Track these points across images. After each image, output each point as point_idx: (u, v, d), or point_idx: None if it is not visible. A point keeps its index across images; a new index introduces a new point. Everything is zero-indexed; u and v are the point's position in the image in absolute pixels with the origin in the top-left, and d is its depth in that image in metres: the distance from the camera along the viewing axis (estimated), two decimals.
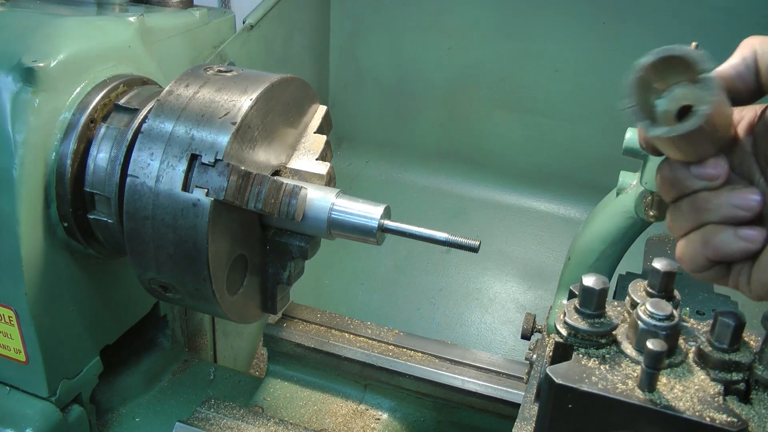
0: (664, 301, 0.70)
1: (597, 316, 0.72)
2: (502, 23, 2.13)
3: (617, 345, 0.72)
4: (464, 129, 2.32)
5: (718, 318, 0.68)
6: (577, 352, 0.71)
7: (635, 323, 0.70)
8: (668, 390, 0.66)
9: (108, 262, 1.19)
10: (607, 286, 0.72)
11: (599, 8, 2.01)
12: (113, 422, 1.30)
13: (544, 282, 2.14)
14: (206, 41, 1.51)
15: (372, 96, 2.38)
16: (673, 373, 0.69)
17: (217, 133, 0.92)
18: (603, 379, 0.68)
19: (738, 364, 0.68)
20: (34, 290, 1.05)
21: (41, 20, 1.10)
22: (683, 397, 0.66)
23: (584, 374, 0.68)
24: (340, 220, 0.98)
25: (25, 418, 1.12)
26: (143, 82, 1.15)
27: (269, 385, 1.30)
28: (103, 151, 1.06)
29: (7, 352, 1.11)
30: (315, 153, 1.07)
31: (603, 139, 2.01)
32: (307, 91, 1.10)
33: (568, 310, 0.73)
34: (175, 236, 0.93)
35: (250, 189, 0.93)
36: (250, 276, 1.06)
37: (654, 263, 0.74)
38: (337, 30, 2.33)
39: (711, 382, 0.68)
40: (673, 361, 0.70)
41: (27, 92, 1.00)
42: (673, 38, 1.58)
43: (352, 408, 1.26)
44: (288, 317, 1.33)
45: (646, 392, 0.66)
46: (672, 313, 0.69)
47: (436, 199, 2.32)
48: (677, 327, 0.69)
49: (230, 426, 1.11)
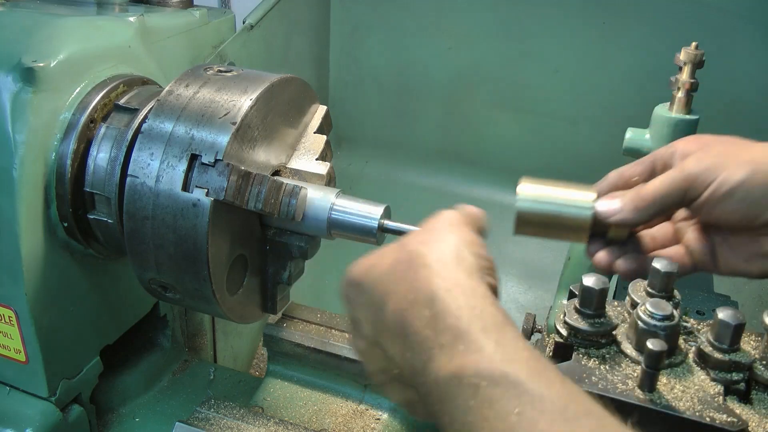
0: (664, 301, 0.70)
1: (597, 316, 0.72)
2: (502, 23, 2.13)
3: (617, 345, 0.72)
4: (464, 129, 2.31)
5: (718, 318, 0.68)
6: (577, 352, 0.71)
7: (635, 323, 0.70)
8: (668, 390, 0.66)
9: (108, 262, 1.19)
10: (607, 286, 0.72)
11: (599, 8, 2.01)
12: (113, 422, 1.30)
13: (544, 282, 2.14)
14: (206, 41, 1.51)
15: (372, 96, 2.38)
16: (673, 373, 0.69)
17: (217, 133, 0.92)
18: (603, 379, 0.68)
19: (738, 364, 0.68)
20: (34, 290, 1.05)
21: (41, 20, 1.10)
22: (683, 397, 0.66)
23: (584, 374, 0.68)
24: (340, 220, 0.98)
25: (25, 418, 1.12)
26: (143, 82, 1.15)
27: (269, 385, 1.30)
28: (103, 151, 1.06)
29: (7, 352, 1.11)
30: (315, 153, 1.07)
31: (603, 139, 2.01)
32: (307, 91, 1.10)
33: (568, 310, 0.73)
34: (175, 236, 0.93)
35: (250, 189, 0.93)
36: (250, 276, 1.06)
37: (654, 263, 0.74)
38: (337, 30, 2.33)
39: (711, 382, 0.68)
40: (673, 361, 0.70)
41: (27, 92, 1.00)
42: (673, 38, 1.59)
43: (352, 408, 1.26)
44: (288, 317, 1.33)
45: (646, 392, 0.66)
46: (672, 313, 0.69)
47: (436, 199, 2.31)
48: (677, 327, 0.70)
49: (230, 426, 1.11)
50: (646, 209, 0.81)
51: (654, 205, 0.80)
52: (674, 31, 1.91)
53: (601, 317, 0.72)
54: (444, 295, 0.62)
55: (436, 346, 0.60)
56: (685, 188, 0.79)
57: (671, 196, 0.80)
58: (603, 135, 2.03)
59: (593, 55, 2.06)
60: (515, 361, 0.56)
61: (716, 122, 1.87)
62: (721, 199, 0.77)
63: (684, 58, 1.23)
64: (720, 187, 0.77)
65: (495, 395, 0.54)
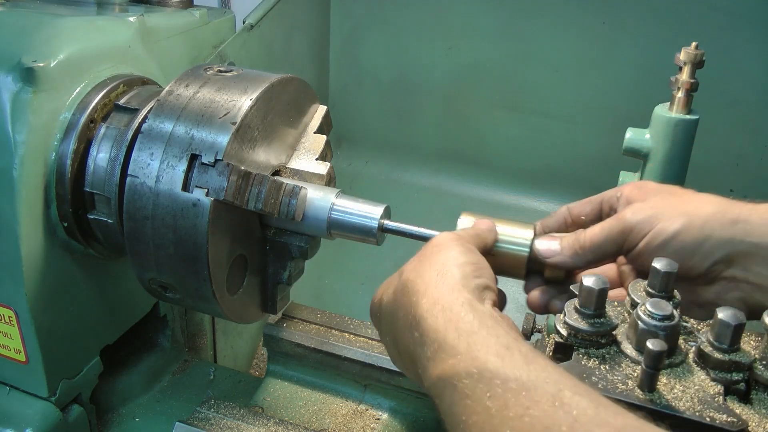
0: (664, 301, 0.70)
1: (597, 316, 0.72)
2: (502, 23, 2.13)
3: (617, 345, 0.72)
4: (464, 129, 2.31)
5: (718, 318, 0.68)
6: (577, 352, 0.71)
7: (635, 323, 0.70)
8: (668, 390, 0.66)
9: (108, 262, 1.19)
10: (607, 286, 0.72)
11: (599, 8, 2.01)
12: (113, 422, 1.30)
13: None
14: (206, 41, 1.51)
15: (372, 96, 2.38)
16: (673, 373, 0.69)
17: (217, 133, 0.92)
18: (603, 379, 0.68)
19: (738, 364, 0.68)
20: (34, 290, 1.05)
21: (41, 20, 1.10)
22: (683, 397, 0.66)
23: (584, 374, 0.68)
24: (340, 220, 0.98)
25: (25, 418, 1.11)
26: (143, 82, 1.15)
27: (269, 385, 1.30)
28: (103, 151, 1.06)
29: (7, 352, 1.11)
30: (315, 153, 1.07)
31: (603, 139, 2.02)
32: (307, 91, 1.10)
33: (568, 310, 0.73)
34: (175, 236, 0.93)
35: (250, 189, 0.93)
36: (250, 276, 1.06)
37: (654, 263, 0.74)
38: (337, 30, 2.33)
39: (711, 382, 0.68)
40: (673, 361, 0.70)
41: (27, 92, 1.00)
42: (673, 38, 1.59)
43: (352, 408, 1.26)
44: (288, 317, 1.33)
45: (646, 392, 0.66)
46: (672, 313, 0.69)
47: (436, 199, 2.31)
48: (677, 327, 0.69)
49: (230, 426, 1.11)
50: (583, 255, 0.85)
51: (591, 252, 0.85)
52: (674, 31, 1.91)
53: (601, 317, 0.72)
54: (426, 315, 0.71)
55: (425, 359, 0.70)
56: (622, 238, 0.83)
57: (609, 245, 0.84)
58: (603, 135, 2.03)
59: (593, 55, 2.06)
60: (485, 357, 0.64)
61: (716, 122, 1.88)
62: (656, 250, 0.80)
63: (684, 58, 1.24)
64: (655, 238, 0.80)
65: (469, 387, 0.63)
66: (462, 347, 0.66)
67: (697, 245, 0.79)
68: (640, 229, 0.82)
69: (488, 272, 0.78)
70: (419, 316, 0.72)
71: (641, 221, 0.82)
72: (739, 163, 2.01)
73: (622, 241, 0.83)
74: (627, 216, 0.83)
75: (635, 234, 0.82)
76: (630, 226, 0.82)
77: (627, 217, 0.83)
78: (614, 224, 0.84)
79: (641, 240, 0.82)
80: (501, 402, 0.60)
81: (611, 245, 0.84)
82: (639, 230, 0.82)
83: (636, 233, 0.82)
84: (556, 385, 0.59)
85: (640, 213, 0.82)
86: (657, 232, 0.80)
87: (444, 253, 0.77)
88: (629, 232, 0.82)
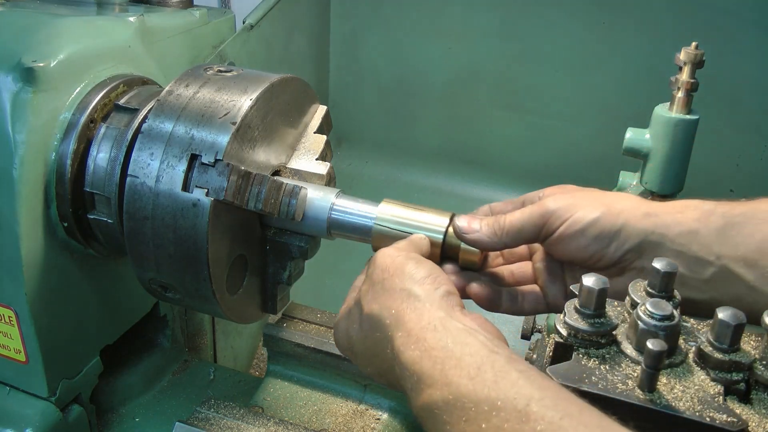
0: (664, 301, 0.70)
1: (597, 316, 0.72)
2: (502, 23, 2.13)
3: (617, 345, 0.72)
4: (464, 129, 2.31)
5: (718, 318, 0.68)
6: (577, 352, 0.71)
7: (635, 323, 0.70)
8: (668, 390, 0.66)
9: (108, 262, 1.19)
10: (607, 286, 0.72)
11: (599, 8, 2.01)
12: (113, 422, 1.30)
13: None
14: (206, 41, 1.51)
15: (372, 96, 2.38)
16: (673, 373, 0.69)
17: (217, 133, 0.92)
18: (603, 379, 0.68)
19: (738, 364, 0.68)
20: (34, 290, 1.05)
21: (41, 20, 1.10)
22: (683, 397, 0.66)
23: (584, 374, 0.68)
24: (340, 220, 0.98)
25: (25, 418, 1.11)
26: (143, 82, 1.15)
27: (269, 385, 1.30)
28: (103, 151, 1.06)
29: (7, 352, 1.11)
30: (315, 153, 1.07)
31: (603, 139, 2.01)
32: (307, 91, 1.10)
33: (568, 310, 0.73)
34: (175, 236, 0.93)
35: (250, 189, 0.93)
36: (250, 276, 1.06)
37: (654, 263, 0.74)
38: (337, 30, 2.33)
39: (711, 382, 0.68)
40: (673, 361, 0.70)
41: (27, 92, 1.00)
42: (673, 38, 1.59)
43: (352, 408, 1.26)
44: (288, 317, 1.33)
45: (646, 392, 0.66)
46: (672, 313, 0.69)
47: (436, 199, 2.31)
48: (677, 327, 0.69)
49: (230, 426, 1.11)
50: (502, 237, 0.87)
51: (510, 234, 0.87)
52: (674, 31, 1.91)
53: (601, 317, 0.72)
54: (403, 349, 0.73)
55: (408, 390, 0.73)
56: (542, 221, 0.85)
57: (528, 228, 0.86)
58: (603, 135, 2.03)
59: (593, 55, 2.06)
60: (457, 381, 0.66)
61: (716, 122, 1.88)
62: (574, 235, 0.83)
63: (684, 58, 1.24)
64: (574, 224, 0.83)
65: (447, 413, 0.66)
66: (437, 375, 0.68)
67: (613, 233, 0.82)
68: (559, 215, 0.84)
69: (442, 275, 0.80)
70: (396, 350, 0.74)
71: (561, 208, 0.84)
72: (739, 163, 2.01)
73: (542, 226, 0.85)
74: (547, 203, 0.85)
75: (554, 219, 0.84)
76: (550, 212, 0.84)
77: (547, 204, 0.85)
78: (534, 209, 0.86)
79: (560, 226, 0.84)
80: (476, 426, 0.62)
81: (530, 229, 0.86)
82: (558, 216, 0.84)
83: (555, 219, 0.84)
84: (524, 399, 0.61)
85: (561, 201, 0.85)
86: (576, 218, 0.83)
87: (399, 277, 0.79)
88: (548, 217, 0.84)
